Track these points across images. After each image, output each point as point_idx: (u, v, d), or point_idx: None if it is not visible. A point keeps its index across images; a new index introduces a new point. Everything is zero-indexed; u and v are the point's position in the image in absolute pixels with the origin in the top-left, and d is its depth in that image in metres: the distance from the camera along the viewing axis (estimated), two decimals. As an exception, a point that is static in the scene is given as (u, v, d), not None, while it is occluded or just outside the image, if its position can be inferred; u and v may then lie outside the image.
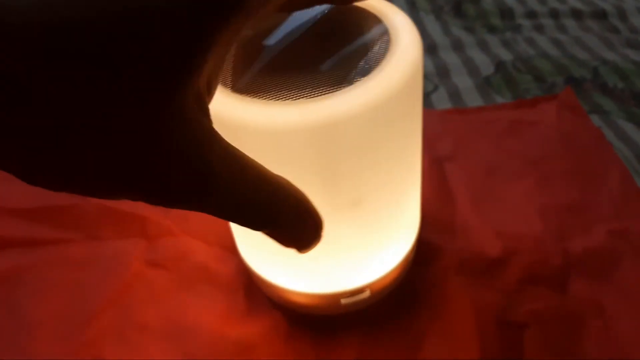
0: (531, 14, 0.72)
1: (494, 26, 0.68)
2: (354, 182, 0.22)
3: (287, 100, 0.19)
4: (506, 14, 0.71)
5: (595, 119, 0.49)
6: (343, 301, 0.28)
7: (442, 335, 0.29)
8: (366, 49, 0.22)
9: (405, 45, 0.21)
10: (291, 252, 0.20)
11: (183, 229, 0.33)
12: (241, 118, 0.20)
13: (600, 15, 0.73)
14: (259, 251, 0.27)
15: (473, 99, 0.51)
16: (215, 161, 0.16)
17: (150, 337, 0.28)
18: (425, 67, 0.58)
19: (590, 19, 0.72)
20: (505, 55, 0.60)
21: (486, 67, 0.57)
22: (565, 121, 0.46)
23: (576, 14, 0.73)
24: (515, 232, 0.35)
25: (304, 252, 0.20)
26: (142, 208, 0.34)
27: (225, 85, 0.21)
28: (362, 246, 0.26)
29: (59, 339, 0.27)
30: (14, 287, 0.29)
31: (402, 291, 0.31)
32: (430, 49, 0.61)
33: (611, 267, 0.33)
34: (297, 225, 0.19)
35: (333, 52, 0.21)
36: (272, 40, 0.22)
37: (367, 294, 0.29)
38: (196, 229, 0.34)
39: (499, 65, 0.58)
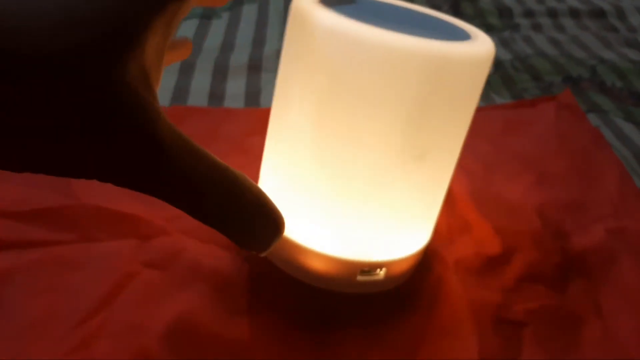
0: (529, 13, 0.72)
1: (492, 25, 0.68)
2: (429, 131, 0.24)
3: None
4: (504, 13, 0.71)
5: (593, 118, 0.49)
6: (359, 277, 0.28)
7: (439, 333, 0.29)
8: (450, 32, 0.26)
9: (480, 33, 0.26)
10: (323, 203, 0.20)
11: (177, 228, 0.33)
12: (361, 35, 0.22)
13: (599, 14, 0.73)
14: (286, 202, 0.27)
15: (471, 98, 0.51)
16: (163, 133, 0.17)
17: (145, 338, 0.28)
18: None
19: (588, 18, 0.72)
20: (504, 55, 0.60)
21: (484, 67, 0.57)
22: (564, 121, 0.46)
23: (574, 13, 0.73)
24: (514, 231, 0.35)
25: (263, 252, 0.20)
26: (135, 208, 0.34)
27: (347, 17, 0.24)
28: (400, 212, 0.26)
29: (53, 340, 0.27)
30: (6, 289, 0.29)
31: (400, 289, 0.31)
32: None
33: (609, 266, 0.33)
34: (257, 219, 0.19)
35: (425, 28, 0.26)
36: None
37: (382, 274, 0.29)
38: (190, 228, 0.33)
39: (497, 65, 0.58)
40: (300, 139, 0.26)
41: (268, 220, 0.19)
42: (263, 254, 0.20)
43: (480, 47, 0.24)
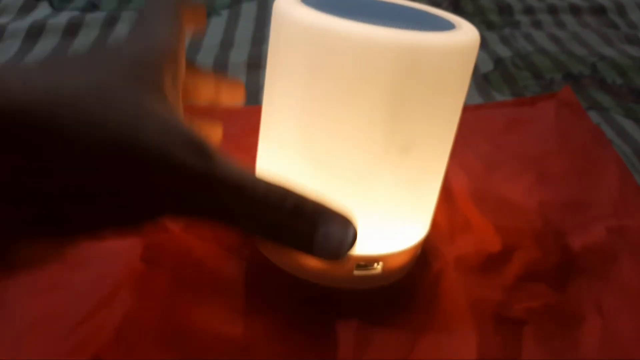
0: (529, 10, 0.71)
1: (493, 22, 0.68)
2: (412, 122, 0.24)
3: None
4: (504, 10, 0.71)
5: (594, 115, 0.49)
6: (356, 272, 0.28)
7: (439, 331, 0.29)
8: (432, 24, 0.26)
9: (465, 24, 0.26)
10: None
11: (180, 227, 0.33)
12: (337, 29, 0.22)
13: (599, 11, 0.73)
14: None
15: (472, 97, 0.51)
16: (213, 159, 0.19)
17: (147, 337, 0.28)
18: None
19: (588, 15, 0.72)
20: (504, 52, 0.60)
21: (485, 64, 0.57)
22: (564, 119, 0.46)
23: (574, 10, 0.72)
24: (515, 229, 0.35)
25: (337, 260, 0.20)
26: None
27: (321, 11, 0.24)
28: (392, 204, 0.26)
29: (55, 339, 0.27)
30: (6, 289, 0.29)
31: (399, 286, 0.31)
32: (428, 45, 0.61)
33: (610, 265, 0.33)
34: (320, 227, 0.19)
35: (408, 21, 0.26)
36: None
37: (379, 269, 0.29)
38: (191, 227, 0.33)
39: (498, 62, 0.58)
40: (288, 137, 0.26)
41: (333, 225, 0.19)
42: (339, 261, 0.20)
43: (460, 36, 0.24)
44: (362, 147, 0.24)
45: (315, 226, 0.19)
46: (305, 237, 0.19)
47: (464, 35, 0.24)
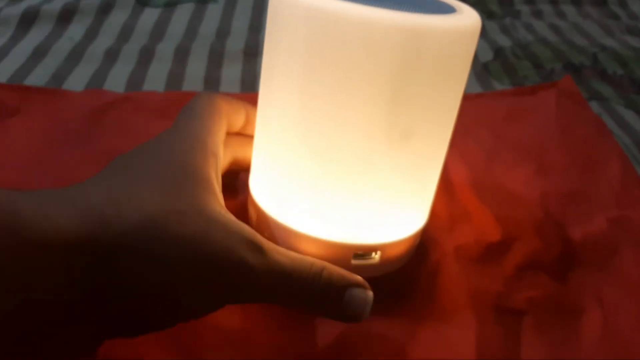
0: (530, 0, 0.71)
1: (493, 12, 0.67)
2: (414, 107, 0.24)
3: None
4: (505, 0, 0.71)
5: (594, 106, 0.48)
6: (353, 262, 0.28)
7: (438, 322, 0.29)
8: (434, 8, 0.25)
9: (466, 8, 0.26)
10: (312, 186, 0.25)
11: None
12: (338, 11, 0.22)
13: (600, 1, 0.72)
14: (277, 187, 0.27)
15: (471, 86, 0.51)
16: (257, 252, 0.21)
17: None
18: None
19: (589, 6, 0.71)
20: (504, 42, 0.59)
21: (485, 54, 0.57)
22: (564, 109, 0.46)
23: (575, 0, 0.72)
24: (515, 220, 0.35)
25: (358, 319, 0.24)
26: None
27: None
28: (392, 192, 0.26)
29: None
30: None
31: (398, 276, 0.31)
32: (427, 34, 0.61)
33: (610, 256, 0.33)
34: (343, 299, 0.23)
35: (409, 4, 0.25)
36: None
37: (377, 258, 0.28)
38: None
39: (498, 52, 0.57)
40: (286, 123, 0.25)
41: (356, 289, 0.23)
42: (361, 321, 0.24)
43: (463, 20, 0.24)
44: (362, 133, 0.24)
45: (342, 292, 0.23)
46: (335, 302, 0.23)
47: (466, 18, 0.24)
